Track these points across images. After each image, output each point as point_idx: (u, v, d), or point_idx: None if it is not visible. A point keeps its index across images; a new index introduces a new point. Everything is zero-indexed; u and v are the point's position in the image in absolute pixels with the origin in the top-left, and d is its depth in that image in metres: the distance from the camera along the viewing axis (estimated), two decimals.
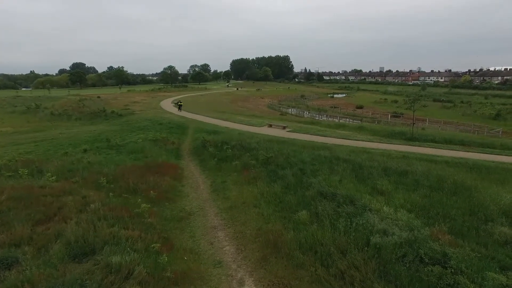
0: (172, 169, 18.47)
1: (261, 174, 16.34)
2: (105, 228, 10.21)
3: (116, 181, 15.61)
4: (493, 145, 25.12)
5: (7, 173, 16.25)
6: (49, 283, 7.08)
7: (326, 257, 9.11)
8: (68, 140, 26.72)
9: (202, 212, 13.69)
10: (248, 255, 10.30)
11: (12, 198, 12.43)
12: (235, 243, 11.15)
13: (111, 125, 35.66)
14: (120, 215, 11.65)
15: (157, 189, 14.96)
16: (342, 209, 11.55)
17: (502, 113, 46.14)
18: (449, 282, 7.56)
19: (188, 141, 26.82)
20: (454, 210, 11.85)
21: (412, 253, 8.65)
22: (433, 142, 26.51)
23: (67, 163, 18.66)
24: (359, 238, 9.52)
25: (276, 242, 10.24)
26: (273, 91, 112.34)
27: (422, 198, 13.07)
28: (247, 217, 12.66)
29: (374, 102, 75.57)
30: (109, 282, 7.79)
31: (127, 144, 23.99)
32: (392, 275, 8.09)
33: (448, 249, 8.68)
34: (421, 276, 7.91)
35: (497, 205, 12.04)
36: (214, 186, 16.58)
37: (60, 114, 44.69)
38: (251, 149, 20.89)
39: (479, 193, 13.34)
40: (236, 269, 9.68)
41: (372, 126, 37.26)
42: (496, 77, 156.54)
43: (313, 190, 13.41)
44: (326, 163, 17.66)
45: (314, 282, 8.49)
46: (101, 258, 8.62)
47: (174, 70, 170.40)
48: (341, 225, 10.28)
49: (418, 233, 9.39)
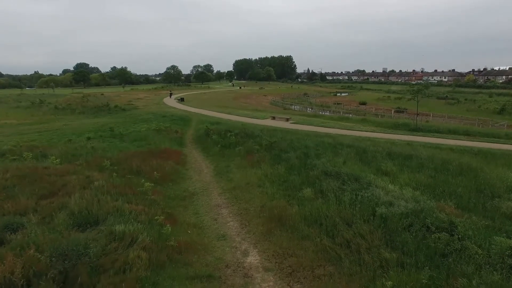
0: (175, 155, 18.43)
1: (265, 158, 16.27)
2: (109, 202, 10.18)
3: (120, 164, 15.58)
4: (498, 135, 24.95)
5: (12, 157, 16.28)
6: (54, 244, 7.03)
7: (332, 228, 9.03)
8: (72, 130, 26.79)
9: (206, 192, 13.64)
10: (252, 229, 10.23)
11: (16, 176, 12.44)
12: (239, 219, 11.08)
13: (114, 118, 35.74)
14: (124, 192, 11.63)
15: (161, 171, 14.92)
16: (347, 186, 11.47)
17: (507, 108, 45.93)
18: (457, 248, 7.46)
19: (191, 131, 26.80)
20: (460, 188, 11.72)
21: (418, 222, 8.55)
22: (437, 133, 26.36)
23: (70, 148, 18.68)
24: (365, 210, 9.44)
25: (280, 217, 10.16)
26: (276, 90, 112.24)
27: (428, 178, 12.95)
28: (251, 196, 12.59)
29: (377, 99, 75.26)
30: (112, 247, 7.76)
31: (130, 133, 24.01)
32: (399, 242, 8.00)
33: (455, 219, 8.57)
34: (428, 243, 7.80)
35: (504, 183, 11.94)
36: (217, 170, 16.52)
37: (64, 108, 44.91)
38: (255, 136, 20.83)
39: (485, 174, 13.21)
40: (240, 242, 9.61)
41: (376, 119, 37.10)
42: (500, 76, 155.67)
43: (317, 170, 13.33)
44: (329, 148, 17.58)
45: (320, 251, 8.40)
46: (105, 227, 8.58)
47: (177, 70, 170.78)
48: (346, 198, 10.21)
49: (424, 204, 9.28)
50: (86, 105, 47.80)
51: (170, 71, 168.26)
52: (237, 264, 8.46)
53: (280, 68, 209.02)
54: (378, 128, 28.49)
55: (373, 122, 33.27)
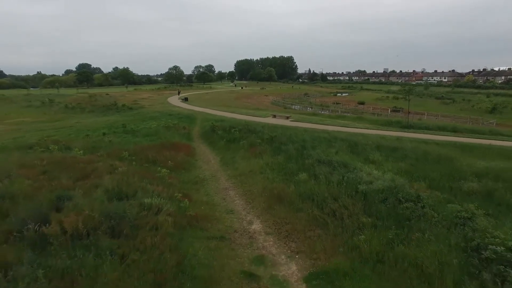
0: (185, 148, 20.37)
1: (266, 150, 18.19)
2: (135, 182, 12.12)
3: (136, 155, 17.52)
4: (483, 132, 26.80)
5: (40, 149, 18.25)
6: (101, 208, 8.95)
7: (321, 202, 10.95)
8: (86, 127, 28.73)
9: (214, 178, 15.58)
10: (255, 205, 12.17)
11: (51, 163, 14.40)
12: (244, 198, 13.03)
13: (123, 116, 37.70)
14: (145, 176, 13.56)
15: (174, 161, 16.86)
16: (336, 170, 13.40)
17: (498, 107, 47.97)
18: (419, 213, 9.37)
19: (197, 128, 28.74)
20: (434, 173, 13.64)
21: (392, 196, 10.47)
22: (427, 129, 28.20)
23: (90, 142, 20.63)
24: (349, 188, 11.37)
25: (279, 195, 12.09)
26: (277, 90, 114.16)
27: (408, 166, 14.88)
28: (254, 180, 14.52)
29: (376, 99, 77.14)
30: (143, 215, 9.67)
31: (141, 129, 25.95)
32: (374, 211, 9.92)
33: (422, 193, 10.49)
34: (397, 211, 9.71)
35: (471, 169, 13.83)
36: (223, 160, 18.46)
37: (74, 107, 46.98)
38: (257, 131, 22.77)
39: (458, 162, 15.14)
40: (245, 215, 11.55)
41: (371, 117, 39.02)
42: (499, 76, 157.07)
43: (312, 159, 15.26)
44: (324, 141, 19.50)
45: (311, 220, 10.33)
46: (135, 201, 10.50)
47: (179, 70, 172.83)
48: (334, 179, 12.15)
49: (398, 183, 11.21)
50: (95, 104, 49.89)
51: (172, 71, 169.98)
52: (243, 230, 10.40)
53: (281, 68, 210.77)
54: (372, 126, 30.37)
55: (368, 120, 35.20)
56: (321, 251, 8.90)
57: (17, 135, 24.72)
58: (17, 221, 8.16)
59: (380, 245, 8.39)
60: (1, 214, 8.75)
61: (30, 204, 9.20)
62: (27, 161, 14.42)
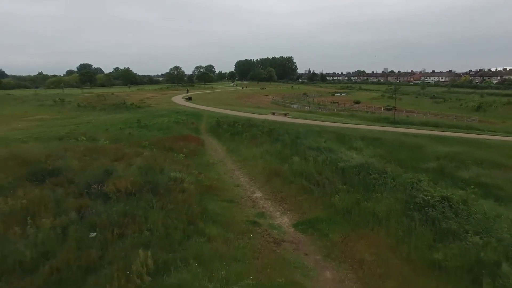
0: (195, 139, 23.36)
1: (265, 140, 21.19)
2: (160, 162, 15.11)
3: (155, 144, 20.48)
4: (460, 127, 29.74)
5: (70, 139, 21.21)
6: (141, 176, 11.93)
7: (309, 176, 13.93)
8: (102, 123, 31.70)
9: (222, 163, 18.58)
10: (256, 181, 15.18)
11: (88, 149, 17.36)
12: (248, 176, 16.02)
13: (133, 114, 40.61)
14: (166, 159, 16.56)
15: (187, 149, 19.82)
16: (323, 154, 16.35)
17: (483, 106, 51.17)
18: (382, 182, 12.31)
19: (204, 123, 31.72)
20: (404, 157, 16.63)
21: (363, 170, 13.42)
22: (411, 125, 31.12)
23: (111, 135, 23.59)
24: (331, 165, 14.37)
25: (276, 172, 15.11)
26: (277, 90, 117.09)
27: (384, 152, 17.86)
28: (255, 163, 17.51)
29: (372, 98, 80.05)
30: (171, 184, 12.62)
31: (154, 124, 28.95)
32: (349, 180, 12.89)
33: (388, 168, 13.46)
34: (366, 180, 12.66)
35: (434, 154, 16.81)
36: (229, 149, 21.46)
37: (85, 106, 49.96)
38: (258, 126, 25.78)
39: (426, 149, 18.14)
40: (249, 187, 14.55)
41: (362, 114, 42.06)
42: (495, 77, 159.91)
43: (304, 146, 18.26)
44: (316, 133, 22.50)
45: (300, 189, 13.32)
46: (163, 175, 13.46)
47: (180, 70, 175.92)
48: (320, 160, 15.14)
49: (369, 161, 14.19)
50: (105, 103, 52.91)
51: (174, 71, 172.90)
52: (248, 197, 13.40)
53: (281, 68, 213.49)
54: (362, 122, 33.34)
55: (359, 117, 38.23)
56: (306, 208, 11.92)
57: (44, 130, 27.66)
58: (84, 184, 11.17)
59: (350, 202, 11.37)
60: (68, 181, 11.73)
61: (87, 174, 12.20)
62: (68, 147, 17.39)
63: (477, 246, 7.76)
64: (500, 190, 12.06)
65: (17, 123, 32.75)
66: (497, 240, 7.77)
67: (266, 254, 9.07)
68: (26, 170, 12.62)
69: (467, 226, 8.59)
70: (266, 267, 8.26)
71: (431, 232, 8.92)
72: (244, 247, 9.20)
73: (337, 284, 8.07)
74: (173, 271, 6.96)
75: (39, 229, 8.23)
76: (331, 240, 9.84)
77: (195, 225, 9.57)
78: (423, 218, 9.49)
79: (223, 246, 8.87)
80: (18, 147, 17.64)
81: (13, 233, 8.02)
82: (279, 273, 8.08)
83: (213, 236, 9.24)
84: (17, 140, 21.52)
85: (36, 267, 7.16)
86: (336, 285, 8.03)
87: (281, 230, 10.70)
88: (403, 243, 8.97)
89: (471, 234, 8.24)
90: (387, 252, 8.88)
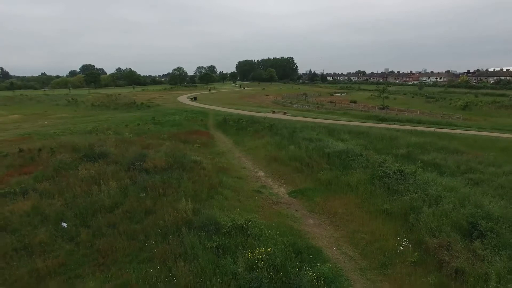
0: (205, 134, 26.91)
1: (266, 134, 24.76)
2: (181, 149, 18.66)
3: (172, 137, 24.02)
4: (440, 123, 33.08)
5: (99, 133, 24.75)
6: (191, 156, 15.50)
7: (301, 159, 17.48)
8: (120, 120, 35.21)
9: (230, 152, 22.11)
10: (259, 164, 18.72)
11: (118, 140, 20.92)
12: (252, 161, 19.57)
13: (145, 112, 44.13)
14: (185, 147, 20.12)
15: (200, 141, 23.35)
16: (314, 143, 19.88)
17: (469, 105, 54.75)
18: (357, 162, 15.81)
19: (211, 120, 35.22)
20: (381, 145, 20.13)
21: (345, 154, 16.95)
22: (397, 121, 34.52)
23: (133, 130, 27.13)
24: (319, 151, 17.91)
25: (275, 158, 18.67)
26: (278, 90, 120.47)
27: (366, 142, 21.33)
28: (258, 152, 21.05)
29: (368, 98, 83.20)
30: (193, 164, 16.13)
31: (167, 121, 32.51)
32: (332, 162, 16.42)
33: (364, 152, 16.96)
34: (346, 162, 16.18)
35: (406, 143, 20.30)
36: (235, 141, 25.00)
37: (99, 105, 53.51)
38: (260, 122, 29.36)
39: (400, 139, 21.60)
40: (253, 169, 18.09)
41: (355, 113, 45.58)
42: (492, 77, 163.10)
43: (299, 137, 21.81)
44: (310, 128, 26.01)
45: (294, 169, 16.87)
46: (186, 159, 16.98)
47: (182, 71, 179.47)
48: (311, 147, 18.68)
49: (350, 147, 17.73)
50: (117, 102, 56.47)
51: (176, 72, 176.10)
52: (252, 175, 16.95)
53: (282, 69, 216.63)
54: (354, 119, 36.77)
55: (351, 115, 41.76)
56: (298, 182, 15.48)
57: (69, 126, 31.17)
58: (128, 162, 14.75)
59: (331, 177, 14.92)
60: (114, 161, 15.31)
61: (127, 156, 15.79)
62: (102, 139, 20.97)
63: (412, 199, 11.27)
64: (447, 167, 15.60)
65: (43, 121, 36.27)
66: (426, 195, 11.29)
67: (267, 209, 12.63)
68: (80, 154, 16.27)
69: (411, 188, 12.11)
70: (267, 216, 11.80)
71: (386, 193, 12.47)
72: (251, 204, 12.77)
73: (316, 226, 11.59)
74: (206, 211, 10.48)
75: (109, 188, 11.82)
76: (315, 201, 13.37)
77: (215, 189, 13.14)
78: (381, 184, 13.03)
79: (236, 203, 12.43)
80: (61, 139, 21.28)
81: (94, 190, 11.65)
82: (276, 218, 11.62)
83: (229, 196, 12.84)
84: (54, 134, 25.10)
85: (113, 210, 10.74)
86: (316, 226, 11.55)
87: (278, 196, 14.25)
88: (365, 201, 12.50)
89: (412, 192, 11.75)
90: (354, 207, 12.41)
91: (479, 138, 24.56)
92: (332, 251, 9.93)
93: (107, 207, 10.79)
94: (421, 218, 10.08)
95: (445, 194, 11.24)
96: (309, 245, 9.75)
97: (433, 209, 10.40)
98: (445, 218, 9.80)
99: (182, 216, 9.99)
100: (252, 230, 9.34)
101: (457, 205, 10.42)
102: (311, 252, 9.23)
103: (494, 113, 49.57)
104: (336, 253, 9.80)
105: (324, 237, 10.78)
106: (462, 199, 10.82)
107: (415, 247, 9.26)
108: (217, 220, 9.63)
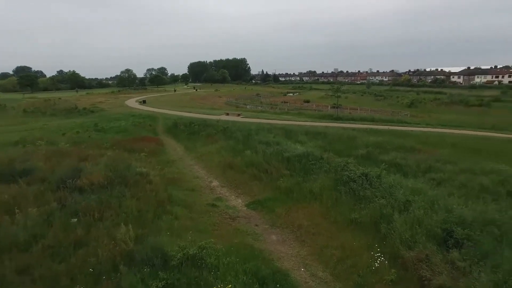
0: (154, 140, 24.69)
1: (220, 138, 23.19)
2: (125, 160, 16.48)
3: (116, 145, 21.57)
4: (392, 121, 33.94)
5: (28, 144, 21.58)
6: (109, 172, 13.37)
7: (258, 165, 16.16)
8: (57, 128, 31.58)
9: (181, 160, 20.25)
10: (213, 172, 17.13)
11: (50, 152, 18.17)
12: (206, 169, 17.91)
13: (88, 118, 40.35)
14: (129, 157, 17.91)
15: (147, 149, 21.15)
16: (271, 147, 18.68)
17: (414, 102, 57.93)
18: (318, 166, 14.82)
19: (160, 125, 32.81)
20: (341, 146, 19.49)
21: (304, 158, 15.91)
22: (352, 120, 34.78)
23: (70, 138, 24.18)
24: (278, 155, 16.72)
25: (230, 164, 17.17)
26: (231, 91, 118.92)
27: (325, 143, 20.62)
28: (212, 158, 19.43)
29: (320, 97, 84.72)
30: (138, 177, 14.14)
31: (111, 128, 29.65)
32: (292, 167, 15.30)
33: (324, 155, 16.05)
34: (306, 166, 15.13)
35: (364, 143, 19.86)
36: (187, 147, 23.13)
37: (33, 111, 48.21)
38: (213, 125, 27.65)
39: (358, 139, 21.20)
40: (207, 178, 16.46)
41: (309, 112, 45.57)
42: (429, 76, 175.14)
43: (255, 141, 20.52)
44: (266, 130, 24.87)
45: (251, 176, 15.50)
46: (130, 171, 14.91)
47: (131, 73, 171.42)
48: (268, 152, 17.44)
49: (309, 150, 16.74)
50: (56, 108, 51.34)
51: (125, 74, 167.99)
52: (206, 185, 15.33)
53: (234, 70, 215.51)
54: (309, 119, 36.42)
55: (306, 115, 41.53)
56: (256, 191, 14.14)
57: None
58: (57, 180, 12.42)
59: (292, 184, 13.75)
60: (41, 179, 12.88)
61: (58, 172, 13.39)
62: (29, 151, 18.09)
63: (381, 205, 10.39)
64: (408, 167, 15.19)
65: None
66: (394, 200, 10.47)
67: (224, 227, 11.11)
68: None
69: (377, 193, 11.25)
70: (224, 235, 10.29)
71: (352, 200, 11.52)
72: (205, 222, 11.17)
73: (280, 243, 10.30)
74: (151, 238, 8.73)
75: (27, 216, 9.56)
76: (276, 213, 12.10)
77: (164, 207, 11.35)
78: (347, 190, 12.09)
79: (188, 222, 10.76)
80: None
81: (3, 221, 9.29)
82: (234, 238, 10.14)
83: (180, 215, 11.11)
84: None
85: (29, 246, 8.55)
86: (280, 244, 10.25)
87: (235, 209, 12.77)
88: (331, 210, 11.46)
89: (379, 197, 10.88)
90: (319, 218, 11.30)
91: (430, 134, 25.04)
92: (301, 273, 8.67)
93: (21, 243, 8.56)
94: (393, 227, 9.17)
95: (413, 198, 10.47)
96: (274, 269, 8.38)
97: (404, 216, 9.55)
98: (418, 227, 8.97)
99: (121, 248, 8.13)
100: (208, 260, 7.76)
101: (427, 210, 9.68)
102: (277, 279, 7.88)
103: (436, 110, 52.68)
104: (305, 276, 8.56)
105: (290, 256, 9.51)
106: (431, 203, 10.12)
107: (391, 262, 8.30)
108: (165, 249, 7.94)
